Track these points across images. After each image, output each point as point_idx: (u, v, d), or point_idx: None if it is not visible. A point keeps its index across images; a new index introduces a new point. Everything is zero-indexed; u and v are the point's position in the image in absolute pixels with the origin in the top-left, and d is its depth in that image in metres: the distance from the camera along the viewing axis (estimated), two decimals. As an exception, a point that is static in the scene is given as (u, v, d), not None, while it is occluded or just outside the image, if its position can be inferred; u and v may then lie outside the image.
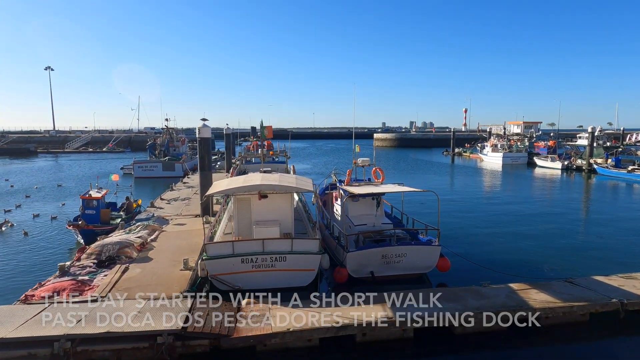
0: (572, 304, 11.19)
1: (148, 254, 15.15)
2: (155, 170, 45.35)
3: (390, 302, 11.31)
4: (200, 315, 10.37)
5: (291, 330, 9.89)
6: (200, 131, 21.41)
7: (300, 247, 13.24)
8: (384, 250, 13.95)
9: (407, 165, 61.13)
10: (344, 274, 13.89)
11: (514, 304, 11.17)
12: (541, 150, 63.25)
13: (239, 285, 13.12)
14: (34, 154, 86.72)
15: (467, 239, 19.88)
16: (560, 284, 12.84)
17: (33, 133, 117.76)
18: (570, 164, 51.93)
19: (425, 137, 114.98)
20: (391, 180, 41.85)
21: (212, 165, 23.20)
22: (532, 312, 10.89)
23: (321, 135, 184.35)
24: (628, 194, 36.66)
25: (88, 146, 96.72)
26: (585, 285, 12.60)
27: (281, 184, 13.27)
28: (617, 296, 11.63)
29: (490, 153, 63.82)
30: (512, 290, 12.19)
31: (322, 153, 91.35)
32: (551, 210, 27.15)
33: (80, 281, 12.26)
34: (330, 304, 11.36)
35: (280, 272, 13.19)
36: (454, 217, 24.37)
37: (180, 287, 12.40)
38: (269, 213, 15.02)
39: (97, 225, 19.10)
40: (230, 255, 12.90)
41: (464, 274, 14.79)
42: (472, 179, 46.17)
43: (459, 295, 11.85)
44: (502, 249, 18.36)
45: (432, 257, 14.27)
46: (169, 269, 13.77)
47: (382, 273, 14.09)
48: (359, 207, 17.18)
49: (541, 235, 20.55)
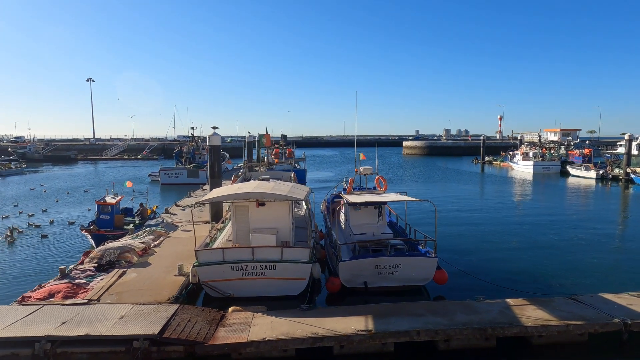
0: (568, 322, 10.52)
1: (148, 259, 15.51)
2: (180, 177, 46.60)
3: (373, 314, 11.04)
4: (180, 322, 10.48)
5: (266, 340, 9.81)
6: (210, 139, 21.82)
7: (291, 255, 13.17)
8: (377, 261, 13.66)
9: (432, 174, 59.93)
10: (336, 284, 13.71)
11: (504, 321, 10.62)
12: (575, 159, 60.52)
13: (229, 292, 13.20)
14: (74, 161, 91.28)
15: (475, 251, 19.18)
16: (562, 300, 12.12)
17: (75, 141, 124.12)
18: (606, 173, 49.33)
19: (456, 145, 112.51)
20: (405, 188, 41.18)
21: (222, 172, 23.46)
22: (522, 330, 10.32)
23: (351, 143, 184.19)
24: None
25: (124, 154, 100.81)
26: (590, 302, 11.83)
27: (272, 192, 13.27)
28: (621, 316, 10.84)
29: (521, 161, 61.62)
30: (507, 306, 11.61)
31: (349, 161, 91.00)
32: (574, 223, 25.70)
33: (77, 284, 12.68)
34: (315, 314, 11.23)
35: (270, 280, 13.16)
36: (465, 228, 23.67)
37: (171, 293, 12.60)
38: (267, 221, 15.05)
39: (108, 230, 19.77)
40: (221, 262, 12.99)
41: (464, 287, 14.30)
42: (497, 188, 44.56)
43: (449, 310, 11.41)
44: (512, 262, 17.55)
45: (428, 269, 13.84)
46: (165, 274, 14.02)
47: (376, 284, 13.80)
48: (360, 216, 16.96)
49: (557, 249, 19.53)
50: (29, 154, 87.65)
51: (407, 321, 10.65)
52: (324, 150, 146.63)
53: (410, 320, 10.69)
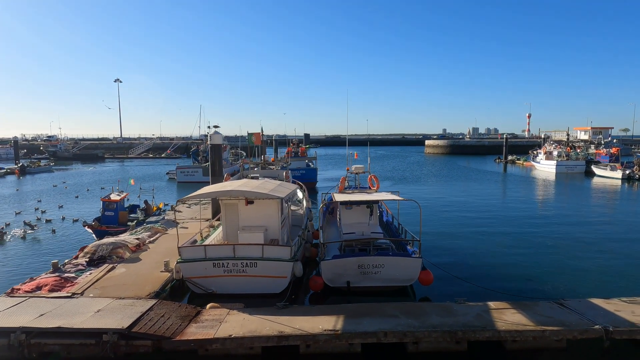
0: (544, 328, 10.12)
1: (140, 255, 15.90)
2: (196, 175, 47.46)
3: (347, 314, 10.95)
4: (153, 317, 10.69)
5: (232, 337, 9.88)
6: (211, 138, 22.15)
7: (272, 253, 13.22)
8: (360, 260, 13.53)
9: (450, 173, 58.80)
10: (318, 283, 13.67)
11: (478, 324, 10.33)
12: (602, 158, 58.17)
13: (212, 289, 13.39)
14: (101, 159, 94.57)
15: (471, 252, 18.67)
16: (546, 304, 11.69)
17: (104, 140, 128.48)
18: (632, 173, 47.18)
19: (480, 144, 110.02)
20: (417, 187, 40.58)
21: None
22: (495, 334, 10.01)
23: (375, 142, 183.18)
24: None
25: (149, 152, 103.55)
26: (575, 307, 11.35)
27: (252, 190, 13.34)
28: (604, 322, 10.35)
29: (544, 161, 59.68)
30: (487, 309, 11.29)
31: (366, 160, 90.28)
32: (582, 225, 24.48)
33: (65, 278, 13.13)
34: (289, 313, 11.25)
35: (251, 277, 13.26)
36: (464, 229, 23.10)
37: (153, 288, 12.89)
38: (256, 219, 15.16)
39: (111, 226, 20.38)
40: (203, 259, 13.18)
41: (451, 289, 13.96)
42: (511, 188, 43.00)
43: (425, 311, 11.19)
44: (507, 264, 17.01)
45: (412, 269, 13.60)
46: (152, 270, 14.34)
47: (359, 284, 13.67)
48: (351, 215, 16.85)
49: (560, 251, 18.80)
50: (59, 152, 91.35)
51: (378, 322, 10.51)
52: (347, 149, 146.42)
53: (381, 321, 10.55)
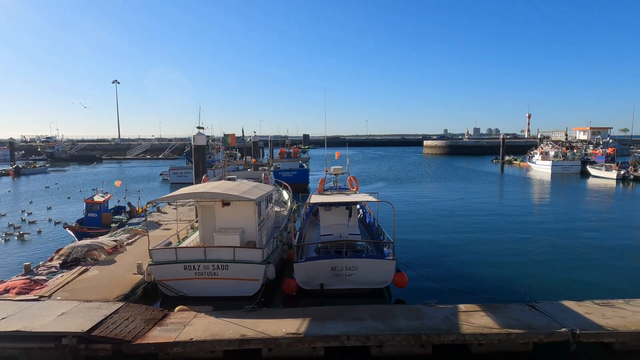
0: (509, 331, 9.98)
1: (116, 257, 15.80)
2: (189, 176, 47.17)
3: (313, 317, 10.83)
4: (117, 320, 10.58)
5: (193, 340, 9.77)
6: (195, 139, 22.05)
7: (243, 256, 13.10)
8: (333, 263, 13.40)
9: (446, 174, 58.60)
10: (291, 285, 13.55)
11: (444, 328, 10.19)
12: (598, 159, 57.93)
13: (184, 292, 13.27)
14: (99, 160, 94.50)
15: (451, 254, 18.52)
16: (517, 307, 11.54)
17: (102, 141, 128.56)
18: (627, 173, 46.93)
19: (478, 145, 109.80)
20: (406, 188, 40.34)
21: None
22: (460, 337, 9.87)
23: (374, 142, 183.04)
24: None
25: (147, 153, 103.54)
26: (546, 310, 11.21)
27: (223, 192, 13.22)
28: (573, 325, 10.21)
29: (539, 161, 59.46)
30: (456, 312, 11.15)
31: (364, 161, 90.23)
32: (569, 226, 24.31)
33: (35, 280, 13.03)
34: (256, 316, 11.12)
35: (223, 280, 13.14)
36: (446, 230, 22.94)
37: (123, 291, 12.78)
38: (232, 221, 15.05)
39: (92, 227, 20.28)
40: (174, 261, 13.07)
41: (427, 291, 13.81)
42: (503, 189, 42.81)
43: (393, 314, 11.06)
44: (487, 266, 16.83)
45: (386, 271, 13.45)
46: (125, 273, 14.23)
47: (333, 286, 13.54)
48: (330, 216, 16.72)
49: (541, 253, 18.63)
50: (56, 153, 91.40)
51: (344, 325, 10.39)
52: (343, 150, 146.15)
53: (347, 325, 10.42)
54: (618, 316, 10.75)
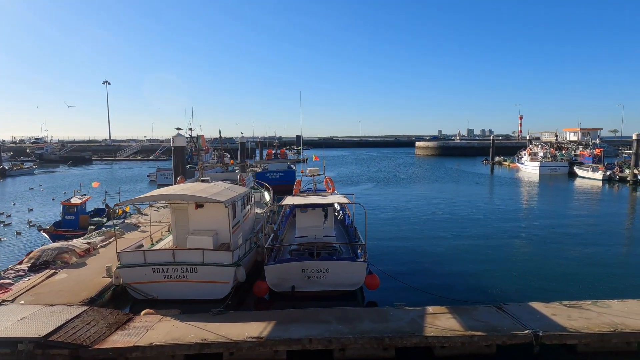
0: (473, 333, 9.94)
1: (87, 260, 15.60)
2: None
3: (278, 321, 10.73)
4: (78, 324, 10.41)
5: (153, 345, 9.63)
6: (174, 140, 21.88)
7: (212, 258, 12.97)
8: (304, 265, 13.30)
9: (435, 174, 58.73)
10: (262, 288, 13.45)
11: (407, 330, 10.12)
12: (586, 160, 58.29)
13: (153, 295, 13.12)
14: (89, 161, 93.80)
15: (429, 255, 18.45)
16: (485, 309, 11.50)
17: (93, 142, 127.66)
18: (613, 174, 47.27)
19: (469, 146, 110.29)
20: (393, 189, 40.27)
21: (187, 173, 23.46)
22: (423, 340, 9.81)
23: (367, 143, 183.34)
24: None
25: (137, 154, 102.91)
26: (512, 311, 11.18)
27: (192, 194, 13.07)
28: (537, 326, 10.19)
29: (528, 162, 59.76)
30: (423, 314, 11.09)
31: (355, 162, 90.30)
32: (549, 227, 24.26)
33: (0, 285, 12.80)
34: (221, 319, 11.00)
35: (192, 283, 13.00)
36: (424, 232, 22.78)
37: (90, 294, 12.60)
38: (206, 223, 14.93)
39: (67, 230, 20.06)
40: (142, 264, 12.91)
41: (398, 293, 13.73)
42: (489, 190, 42.70)
43: (359, 317, 10.98)
44: (463, 267, 16.80)
45: (358, 273, 13.38)
46: (94, 276, 14.04)
47: (304, 288, 13.44)
48: (306, 218, 16.63)
49: (519, 255, 18.67)
50: (45, 155, 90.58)
51: (308, 328, 10.29)
52: (338, 150, 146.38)
53: (311, 327, 10.33)
54: (583, 317, 10.74)
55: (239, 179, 17.44)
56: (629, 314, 10.88)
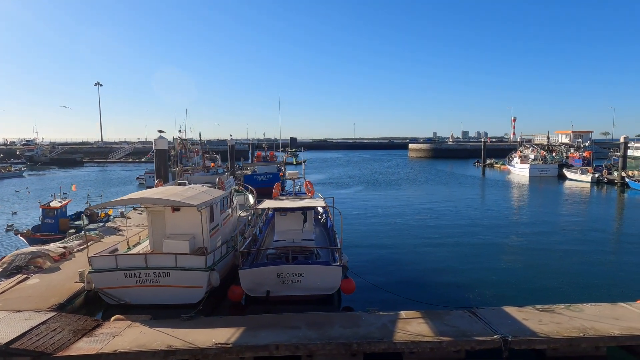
0: (441, 338, 9.86)
1: (62, 264, 15.40)
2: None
3: (248, 326, 10.60)
4: (42, 331, 10.23)
5: (117, 352, 9.46)
6: (156, 143, 21.71)
7: (185, 263, 12.83)
8: (279, 269, 13.19)
9: (425, 177, 58.80)
10: (236, 293, 13.33)
11: (377, 336, 10.03)
12: (575, 162, 58.64)
13: (125, 300, 12.95)
14: (80, 164, 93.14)
15: (409, 259, 18.35)
16: (458, 313, 11.43)
17: (85, 144, 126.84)
18: (602, 177, 47.53)
19: (462, 148, 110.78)
20: (381, 191, 40.12)
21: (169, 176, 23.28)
22: (391, 346, 9.72)
23: (361, 145, 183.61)
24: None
25: (129, 157, 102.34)
26: (484, 316, 11.11)
27: (163, 197, 12.93)
28: (508, 331, 10.12)
29: (518, 164, 60.00)
30: (395, 319, 11.00)
31: (348, 164, 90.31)
32: (534, 230, 24.24)
33: (-31, 290, 12.58)
34: (191, 325, 10.86)
35: (165, 288, 12.84)
36: (404, 236, 22.61)
37: (60, 299, 12.41)
38: (182, 227, 14.78)
39: (46, 234, 19.83)
40: (114, 269, 12.75)
41: (375, 297, 13.65)
42: (479, 193, 42.72)
43: (331, 322, 10.86)
44: (442, 272, 16.69)
45: (333, 277, 13.28)
46: (67, 281, 13.85)
47: (279, 293, 13.33)
48: (286, 222, 16.55)
49: (500, 258, 18.61)
50: (35, 157, 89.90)
51: (276, 334, 10.17)
52: (332, 153, 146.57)
53: (280, 333, 10.22)
54: (554, 322, 10.69)
55: (217, 182, 17.27)
56: (600, 318, 10.86)
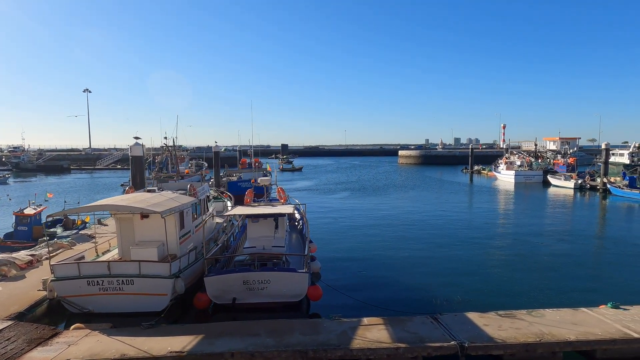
0: (398, 345, 9.85)
1: (27, 273, 15.21)
2: (149, 186, 46.47)
3: (208, 334, 10.53)
4: (-4, 340, 10.07)
5: (68, 362, 9.34)
6: (131, 149, 21.60)
7: (149, 270, 12.72)
8: (244, 276, 13.12)
9: (412, 183, 59.02)
10: (202, 300, 13.22)
11: (335, 343, 10.00)
12: (560, 168, 59.24)
13: (88, 308, 12.80)
14: (67, 170, 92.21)
15: (381, 266, 18.32)
16: (420, 319, 11.43)
17: (73, 151, 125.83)
18: (584, 183, 48.05)
19: (451, 155, 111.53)
20: (362, 199, 40.01)
21: (145, 183, 23.13)
22: (347, 353, 9.68)
23: (352, 152, 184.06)
24: (624, 216, 32.93)
25: (117, 163, 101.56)
26: (445, 322, 11.13)
27: (129, 204, 12.85)
28: (466, 337, 10.14)
29: (504, 171, 60.50)
30: (356, 326, 10.97)
31: (337, 170, 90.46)
32: (510, 236, 24.45)
33: None
34: (150, 333, 10.75)
35: (129, 296, 12.71)
36: (380, 243, 22.54)
37: (20, 308, 12.24)
38: (152, 234, 14.68)
39: (17, 241, 19.58)
40: (76, 277, 12.60)
41: (342, 304, 13.64)
42: (464, 199, 42.78)
43: (291, 329, 10.82)
44: (412, 278, 16.73)
45: (300, 284, 13.23)
46: (31, 289, 13.67)
47: (246, 300, 13.24)
48: (258, 228, 16.50)
49: (473, 265, 18.66)
50: (22, 163, 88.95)
51: (235, 342, 10.11)
52: (323, 159, 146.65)
53: (238, 341, 10.15)
54: (514, 327, 10.74)
55: (189, 188, 17.20)
56: (559, 324, 10.92)
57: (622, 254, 20.58)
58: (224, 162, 67.38)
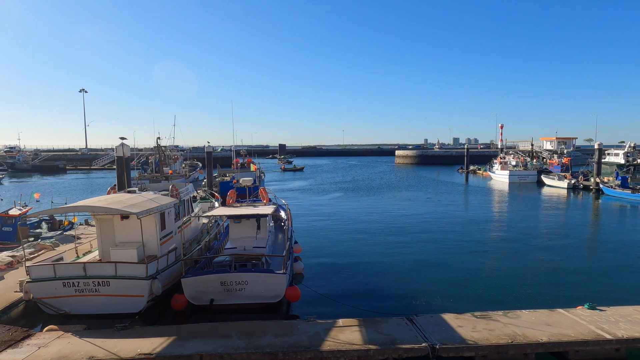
0: (369, 347, 9.80)
1: (6, 274, 15.14)
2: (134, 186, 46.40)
3: (180, 336, 10.49)
4: (-35, 343, 10.01)
5: (36, 364, 9.28)
6: (117, 150, 21.53)
7: (126, 271, 12.67)
8: (221, 277, 13.06)
9: (406, 183, 58.97)
10: (180, 301, 13.18)
11: (306, 345, 9.94)
12: (554, 168, 59.26)
13: (64, 310, 12.73)
14: (63, 171, 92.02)
15: (364, 267, 18.21)
16: (395, 321, 11.37)
17: (70, 151, 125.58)
18: (578, 183, 48.04)
19: (447, 154, 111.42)
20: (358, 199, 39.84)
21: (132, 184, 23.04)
22: (317, 355, 9.63)
23: (350, 152, 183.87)
24: (614, 216, 32.94)
25: (114, 163, 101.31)
26: (420, 323, 11.07)
27: (105, 206, 12.78)
28: (438, 338, 10.10)
29: (499, 171, 60.46)
30: (330, 327, 10.92)
31: (334, 170, 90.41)
32: (499, 237, 24.53)
33: None
34: (123, 335, 10.69)
35: (105, 297, 12.66)
36: (364, 244, 22.41)
37: (-5, 310, 12.16)
38: (132, 235, 14.59)
39: (1, 242, 19.46)
40: (52, 278, 12.54)
41: (320, 305, 13.59)
42: (457, 199, 42.53)
43: (263, 331, 10.76)
44: (395, 279, 16.61)
45: (277, 285, 13.19)
46: (7, 291, 13.58)
47: (223, 301, 13.20)
48: (239, 229, 16.45)
49: (457, 267, 18.49)
50: (17, 164, 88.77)
51: (206, 344, 10.06)
52: (321, 159, 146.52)
53: (209, 343, 10.10)
54: (487, 329, 10.69)
55: (171, 189, 17.13)
56: (533, 325, 10.88)
57: (608, 253, 20.56)
58: (219, 163, 67.43)
